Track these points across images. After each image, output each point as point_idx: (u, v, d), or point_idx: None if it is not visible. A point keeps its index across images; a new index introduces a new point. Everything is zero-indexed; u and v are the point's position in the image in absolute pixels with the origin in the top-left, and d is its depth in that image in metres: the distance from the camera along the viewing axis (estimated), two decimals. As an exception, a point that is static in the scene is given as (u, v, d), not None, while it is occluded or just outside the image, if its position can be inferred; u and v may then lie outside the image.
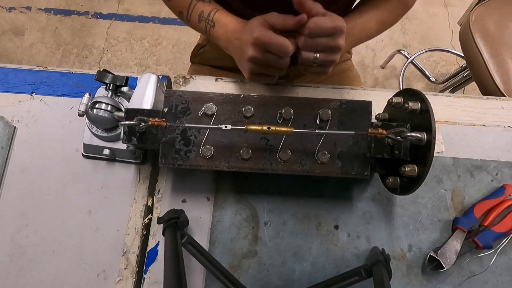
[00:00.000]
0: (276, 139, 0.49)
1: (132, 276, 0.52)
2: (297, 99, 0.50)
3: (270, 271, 0.53)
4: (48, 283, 0.52)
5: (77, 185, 0.56)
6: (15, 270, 0.52)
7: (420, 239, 0.54)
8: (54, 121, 0.59)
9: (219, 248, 0.53)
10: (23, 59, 1.72)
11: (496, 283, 0.52)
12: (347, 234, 0.54)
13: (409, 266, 0.53)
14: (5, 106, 0.59)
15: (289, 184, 0.56)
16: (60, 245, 0.53)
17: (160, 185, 0.56)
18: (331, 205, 0.55)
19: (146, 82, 0.52)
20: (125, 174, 0.56)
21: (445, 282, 0.52)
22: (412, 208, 0.55)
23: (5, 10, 1.79)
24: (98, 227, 0.54)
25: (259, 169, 0.48)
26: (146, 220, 0.55)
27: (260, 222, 0.55)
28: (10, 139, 0.57)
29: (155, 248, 0.53)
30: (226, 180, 0.56)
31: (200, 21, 0.57)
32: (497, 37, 1.05)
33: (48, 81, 0.61)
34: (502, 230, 0.52)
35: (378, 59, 1.77)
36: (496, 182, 0.56)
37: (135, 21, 1.81)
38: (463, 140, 0.58)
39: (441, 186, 0.56)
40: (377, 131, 0.45)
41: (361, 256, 0.53)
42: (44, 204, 0.55)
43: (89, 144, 0.54)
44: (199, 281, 0.52)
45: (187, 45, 1.76)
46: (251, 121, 0.49)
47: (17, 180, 0.56)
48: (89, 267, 0.52)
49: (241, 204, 0.55)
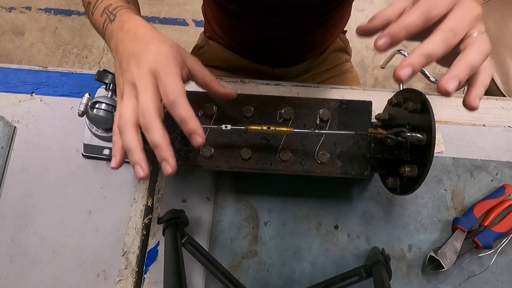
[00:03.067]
0: (276, 139, 0.49)
1: (132, 276, 0.52)
2: (297, 99, 0.50)
3: (270, 271, 0.53)
4: (48, 283, 0.52)
5: (77, 185, 0.55)
6: (15, 270, 0.52)
7: (420, 239, 0.54)
8: (54, 121, 0.58)
9: (219, 248, 0.53)
10: (23, 59, 1.72)
11: (496, 283, 0.52)
12: (347, 234, 0.54)
13: (409, 266, 0.53)
14: (5, 106, 0.59)
15: (289, 184, 0.56)
16: (60, 245, 0.53)
17: (160, 185, 0.56)
18: (331, 205, 0.55)
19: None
20: (125, 174, 0.56)
21: (445, 282, 0.52)
22: (412, 208, 0.55)
23: (5, 10, 1.79)
24: (98, 227, 0.54)
25: (259, 169, 0.48)
26: (146, 220, 0.55)
27: (260, 222, 0.54)
28: (10, 139, 0.57)
29: (155, 248, 0.53)
30: (226, 180, 0.56)
31: (102, 14, 0.47)
32: (497, 37, 1.05)
33: (48, 81, 0.61)
34: (502, 230, 0.52)
35: (378, 59, 1.77)
36: (496, 182, 0.56)
37: (135, 21, 1.80)
38: (463, 140, 0.58)
39: (441, 186, 0.56)
40: (377, 131, 0.44)
41: (361, 256, 0.53)
42: (44, 204, 0.55)
43: (89, 144, 0.54)
44: (199, 281, 0.52)
45: (187, 45, 1.76)
46: (251, 121, 0.49)
47: (17, 180, 0.56)
48: (89, 267, 0.52)
49: (241, 204, 0.55)
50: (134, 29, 0.41)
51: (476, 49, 0.31)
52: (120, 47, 0.40)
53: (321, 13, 0.64)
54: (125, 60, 0.38)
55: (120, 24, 0.42)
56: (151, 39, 0.38)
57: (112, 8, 0.45)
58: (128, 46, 0.39)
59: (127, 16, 0.43)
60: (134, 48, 0.38)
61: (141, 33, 0.40)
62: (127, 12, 0.44)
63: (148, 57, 0.37)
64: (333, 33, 0.77)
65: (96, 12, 0.48)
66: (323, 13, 0.64)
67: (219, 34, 0.77)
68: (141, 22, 0.42)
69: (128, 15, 0.43)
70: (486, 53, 0.32)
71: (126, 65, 0.38)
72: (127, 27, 0.41)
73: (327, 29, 0.72)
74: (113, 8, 0.45)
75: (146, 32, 0.40)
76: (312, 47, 0.76)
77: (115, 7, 0.45)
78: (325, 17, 0.66)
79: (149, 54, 0.37)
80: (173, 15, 1.84)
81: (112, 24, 0.44)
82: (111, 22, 0.44)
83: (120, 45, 0.40)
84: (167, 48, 0.38)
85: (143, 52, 0.37)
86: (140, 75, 0.36)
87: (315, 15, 0.64)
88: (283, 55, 0.76)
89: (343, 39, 0.84)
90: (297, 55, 0.77)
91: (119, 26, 0.42)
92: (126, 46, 0.39)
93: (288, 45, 0.72)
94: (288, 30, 0.67)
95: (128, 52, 0.39)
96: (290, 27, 0.66)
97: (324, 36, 0.75)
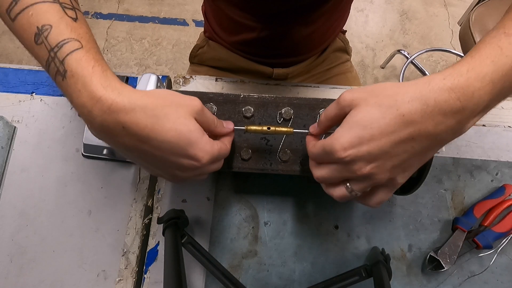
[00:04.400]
0: (276, 139, 0.49)
1: (132, 276, 0.52)
2: (297, 99, 0.50)
3: (270, 271, 0.53)
4: (48, 283, 0.52)
5: (77, 185, 0.56)
6: (15, 270, 0.52)
7: (420, 239, 0.54)
8: (54, 121, 0.59)
9: (219, 248, 0.53)
10: (23, 59, 1.72)
11: (496, 283, 0.52)
12: (347, 234, 0.54)
13: (409, 266, 0.53)
14: (5, 106, 0.59)
15: (289, 184, 0.56)
16: (60, 245, 0.53)
17: (160, 185, 0.56)
18: (331, 205, 0.55)
19: (146, 82, 0.52)
20: (125, 174, 0.56)
21: (445, 282, 0.52)
22: (412, 208, 0.55)
23: (5, 10, 1.79)
24: (98, 227, 0.54)
25: (259, 169, 0.48)
26: (146, 220, 0.55)
27: (260, 222, 0.55)
28: (10, 139, 0.57)
29: (155, 248, 0.53)
30: (226, 180, 0.56)
31: (41, 47, 0.31)
32: (497, 37, 1.04)
33: (48, 81, 0.61)
34: (502, 230, 0.52)
35: (378, 59, 1.77)
36: (496, 182, 0.56)
37: (135, 21, 1.81)
38: (463, 140, 0.58)
39: (441, 186, 0.56)
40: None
41: (361, 256, 0.53)
42: (44, 204, 0.55)
43: (89, 144, 0.54)
44: (199, 281, 0.52)
45: (187, 45, 1.77)
46: (251, 121, 0.49)
47: (17, 180, 0.56)
48: (89, 267, 0.52)
49: (241, 204, 0.55)
50: (120, 102, 0.30)
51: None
52: (114, 137, 0.32)
53: (308, 5, 0.63)
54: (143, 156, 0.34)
55: (87, 92, 0.30)
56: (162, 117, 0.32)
57: (57, 48, 0.30)
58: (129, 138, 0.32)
59: (94, 76, 0.30)
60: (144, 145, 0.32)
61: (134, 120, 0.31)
62: (87, 62, 0.31)
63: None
64: (332, 32, 0.77)
65: (21, 18, 0.31)
66: (309, 6, 0.63)
67: (219, 34, 0.77)
68: (121, 86, 0.31)
69: (85, 65, 0.30)
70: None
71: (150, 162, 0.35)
72: (101, 121, 0.30)
73: (323, 27, 0.72)
74: (59, 50, 0.30)
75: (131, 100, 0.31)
76: (311, 46, 0.76)
77: (60, 46, 0.30)
78: (316, 12, 0.66)
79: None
80: (173, 15, 1.84)
81: (67, 82, 0.31)
82: (63, 78, 0.31)
83: (113, 136, 0.32)
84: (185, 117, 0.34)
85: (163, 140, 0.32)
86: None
87: (303, 4, 0.63)
88: (283, 54, 0.76)
89: (343, 39, 0.84)
90: (297, 54, 0.77)
91: (87, 95, 0.30)
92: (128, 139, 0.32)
93: (286, 43, 0.72)
94: (281, 23, 0.66)
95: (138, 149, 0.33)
96: (283, 19, 0.65)
97: (322, 35, 0.75)
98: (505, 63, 0.30)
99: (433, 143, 0.31)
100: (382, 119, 0.31)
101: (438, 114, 0.30)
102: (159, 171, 0.37)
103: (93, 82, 0.30)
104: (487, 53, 0.31)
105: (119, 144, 0.32)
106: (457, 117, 0.30)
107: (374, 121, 0.31)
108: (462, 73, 0.30)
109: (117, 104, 0.30)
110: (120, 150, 0.34)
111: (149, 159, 0.34)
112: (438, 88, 0.30)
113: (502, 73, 0.30)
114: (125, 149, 0.33)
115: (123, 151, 0.34)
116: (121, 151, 0.34)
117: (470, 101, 0.30)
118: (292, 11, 0.64)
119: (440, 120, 0.30)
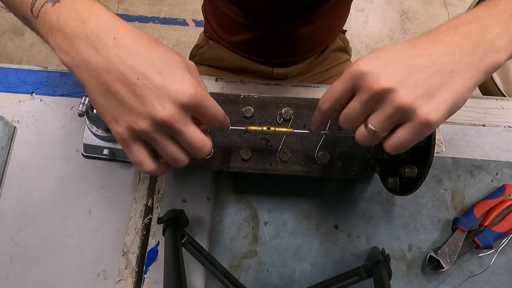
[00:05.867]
0: (276, 139, 0.49)
1: (132, 276, 0.52)
2: (297, 99, 0.50)
3: (270, 271, 0.53)
4: (48, 283, 0.52)
5: (77, 185, 0.56)
6: (15, 270, 0.52)
7: (420, 239, 0.54)
8: (54, 121, 0.59)
9: (219, 248, 0.53)
10: (23, 59, 1.72)
11: (496, 283, 0.52)
12: (347, 234, 0.54)
13: (409, 266, 0.53)
14: (5, 106, 0.59)
15: (289, 184, 0.56)
16: (60, 245, 0.53)
17: (160, 185, 0.56)
18: (331, 205, 0.55)
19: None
20: (125, 174, 0.56)
21: (445, 282, 0.52)
22: (412, 208, 0.55)
23: (5, 10, 1.79)
24: (98, 227, 0.54)
25: (259, 170, 0.48)
26: (146, 220, 0.55)
27: (260, 222, 0.55)
28: (10, 139, 0.57)
29: (155, 248, 0.53)
30: (226, 180, 0.56)
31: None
32: (497, 37, 1.04)
33: (48, 81, 0.61)
34: (502, 230, 0.52)
35: (378, 59, 1.77)
36: (496, 182, 0.56)
37: (135, 21, 1.81)
38: (463, 140, 0.58)
39: (441, 186, 0.56)
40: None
41: (361, 256, 0.53)
42: (44, 204, 0.55)
43: (89, 144, 0.54)
44: (199, 281, 0.52)
45: (187, 45, 1.76)
46: (251, 121, 0.49)
47: (17, 180, 0.56)
48: (89, 267, 0.52)
49: (241, 204, 0.55)
50: (110, 32, 0.28)
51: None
52: (92, 60, 0.28)
53: (308, 5, 0.63)
54: (124, 87, 0.28)
55: (76, 15, 0.28)
56: (156, 51, 0.29)
57: None
58: (116, 64, 0.27)
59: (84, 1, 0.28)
60: (137, 69, 0.28)
61: (130, 41, 0.28)
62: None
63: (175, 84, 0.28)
64: (332, 32, 0.77)
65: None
66: (309, 5, 0.63)
67: (219, 34, 0.78)
68: (114, 19, 0.29)
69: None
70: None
71: (129, 96, 0.28)
72: (94, 27, 0.28)
73: (323, 26, 0.72)
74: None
75: (135, 38, 0.29)
76: (311, 45, 0.76)
77: None
78: (316, 12, 0.66)
79: (175, 79, 0.28)
80: (173, 15, 1.84)
81: (55, 7, 0.29)
82: (53, 3, 0.29)
83: (92, 59, 0.28)
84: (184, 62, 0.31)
85: (167, 74, 0.28)
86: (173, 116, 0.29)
87: (303, 4, 0.63)
88: (283, 53, 0.76)
89: (343, 39, 0.84)
90: (297, 54, 0.77)
91: (76, 18, 0.28)
92: (112, 64, 0.27)
93: (286, 42, 0.72)
94: (281, 23, 0.66)
95: (122, 74, 0.28)
96: (283, 18, 0.65)
97: (322, 34, 0.75)
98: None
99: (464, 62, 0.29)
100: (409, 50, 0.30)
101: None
102: (115, 110, 0.29)
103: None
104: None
105: (98, 60, 0.28)
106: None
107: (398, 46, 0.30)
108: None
109: (118, 18, 0.29)
110: (91, 69, 0.29)
111: (117, 85, 0.28)
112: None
113: None
114: (100, 70, 0.28)
115: (94, 72, 0.29)
116: (92, 71, 0.29)
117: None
118: (292, 11, 0.64)
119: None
